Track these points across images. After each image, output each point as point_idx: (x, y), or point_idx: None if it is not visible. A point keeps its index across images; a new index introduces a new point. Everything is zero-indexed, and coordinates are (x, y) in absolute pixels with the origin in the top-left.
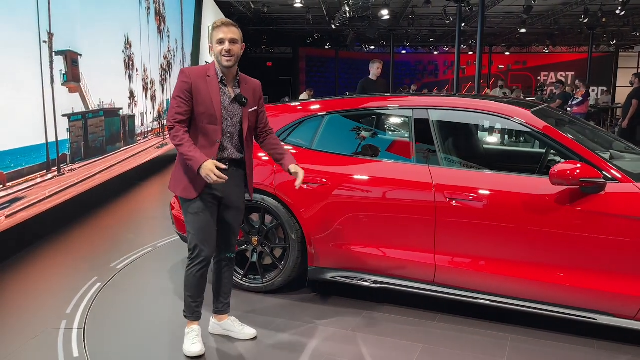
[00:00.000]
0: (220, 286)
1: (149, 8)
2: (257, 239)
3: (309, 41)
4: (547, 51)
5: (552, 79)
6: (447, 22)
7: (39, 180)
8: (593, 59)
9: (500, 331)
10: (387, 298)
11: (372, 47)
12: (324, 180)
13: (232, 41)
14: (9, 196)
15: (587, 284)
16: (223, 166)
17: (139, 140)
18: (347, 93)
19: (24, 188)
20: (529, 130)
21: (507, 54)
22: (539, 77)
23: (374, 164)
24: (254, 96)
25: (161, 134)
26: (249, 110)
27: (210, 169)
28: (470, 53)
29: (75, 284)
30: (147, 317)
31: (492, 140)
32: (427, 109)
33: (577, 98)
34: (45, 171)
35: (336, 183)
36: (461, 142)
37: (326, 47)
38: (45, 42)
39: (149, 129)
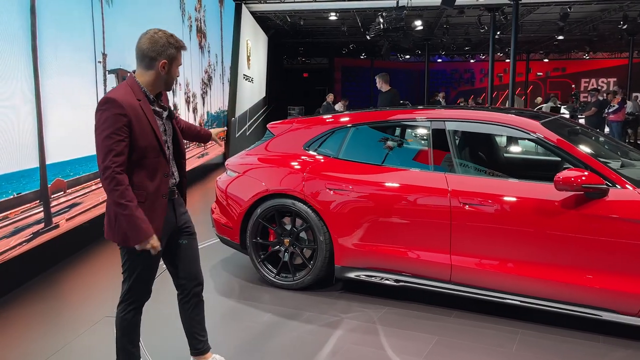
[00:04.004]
0: (193, 324)
1: (190, 26)
2: (288, 240)
3: (344, 52)
4: (587, 57)
5: (593, 85)
6: (482, 30)
7: (93, 187)
8: (635, 65)
9: (512, 326)
10: (409, 295)
11: (408, 57)
12: (350, 186)
13: None
14: (69, 201)
15: (593, 283)
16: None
17: None
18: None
19: (81, 194)
20: (538, 140)
21: (546, 60)
22: (573, 85)
23: (394, 171)
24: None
25: (201, 144)
26: (174, 120)
27: (156, 246)
28: (507, 60)
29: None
30: None
31: (507, 149)
32: (444, 120)
33: (613, 106)
34: (98, 179)
35: (360, 189)
36: (475, 151)
37: (361, 57)
38: (100, 62)
39: None
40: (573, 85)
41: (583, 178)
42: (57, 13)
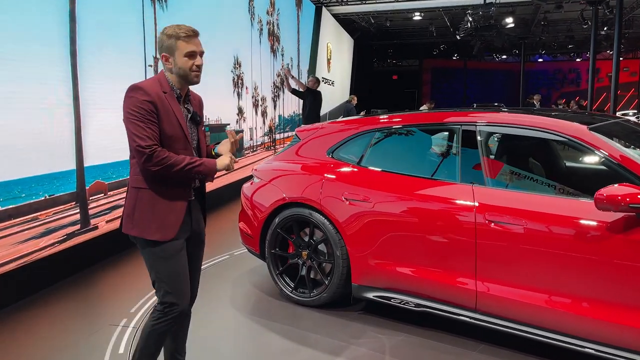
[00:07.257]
0: (177, 341)
1: (261, 29)
2: (306, 253)
3: (435, 52)
4: None
5: None
6: (585, 27)
7: None
8: None
9: None
10: (432, 322)
11: (504, 56)
12: (367, 197)
13: (202, 54)
14: (110, 204)
15: None
16: (239, 136)
17: (247, 153)
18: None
19: (123, 197)
20: (583, 148)
21: None
22: None
23: (417, 181)
24: (201, 111)
25: (271, 147)
26: (202, 128)
27: (231, 157)
28: (620, 59)
29: (147, 286)
30: (198, 323)
31: (547, 158)
32: (475, 125)
33: None
34: None
35: (378, 201)
36: (511, 160)
37: (454, 57)
38: (150, 65)
39: (259, 142)
40: None
41: (639, 197)
42: (102, 18)
